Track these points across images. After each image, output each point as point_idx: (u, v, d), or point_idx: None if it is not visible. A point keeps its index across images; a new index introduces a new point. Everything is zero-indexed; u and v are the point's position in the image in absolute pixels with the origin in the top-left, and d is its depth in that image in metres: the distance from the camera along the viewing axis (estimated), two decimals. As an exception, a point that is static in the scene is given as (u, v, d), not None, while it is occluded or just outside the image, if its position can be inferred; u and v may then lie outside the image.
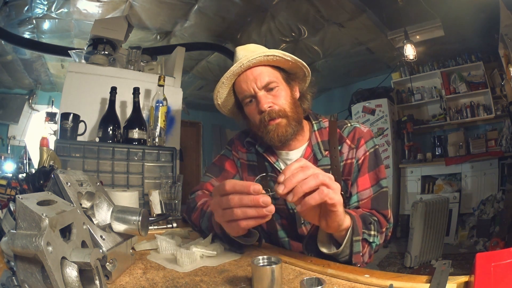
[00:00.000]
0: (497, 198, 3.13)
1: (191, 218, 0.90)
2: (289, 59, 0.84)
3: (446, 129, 3.86)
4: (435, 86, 3.89)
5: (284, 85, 0.87)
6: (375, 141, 0.90)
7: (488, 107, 3.51)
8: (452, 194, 3.39)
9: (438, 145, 3.82)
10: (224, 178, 0.97)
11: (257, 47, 0.90)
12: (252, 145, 0.97)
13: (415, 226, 2.82)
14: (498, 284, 0.39)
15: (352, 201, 0.84)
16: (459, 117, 3.70)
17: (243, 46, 0.90)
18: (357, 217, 0.69)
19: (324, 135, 0.91)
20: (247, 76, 0.85)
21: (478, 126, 3.66)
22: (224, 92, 0.90)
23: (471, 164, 3.45)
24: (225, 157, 1.03)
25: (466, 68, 3.62)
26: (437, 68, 3.78)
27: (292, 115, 0.85)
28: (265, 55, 0.82)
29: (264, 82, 0.83)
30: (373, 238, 0.73)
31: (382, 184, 0.85)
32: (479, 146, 3.48)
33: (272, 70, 0.86)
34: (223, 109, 0.95)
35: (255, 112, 0.86)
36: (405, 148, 3.90)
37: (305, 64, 0.87)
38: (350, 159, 0.87)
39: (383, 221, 0.81)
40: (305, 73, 0.90)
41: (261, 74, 0.84)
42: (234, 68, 0.83)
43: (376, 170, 0.86)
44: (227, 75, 0.85)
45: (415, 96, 4.00)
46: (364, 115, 4.03)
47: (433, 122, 3.90)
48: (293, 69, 0.89)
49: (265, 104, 0.82)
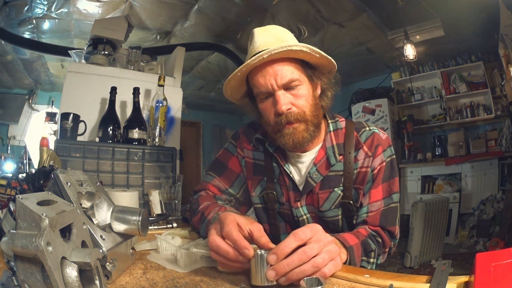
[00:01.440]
0: (497, 198, 3.14)
1: (192, 220, 0.88)
2: (317, 55, 0.74)
3: (446, 129, 3.86)
4: (435, 86, 3.89)
5: (307, 84, 0.77)
6: (392, 150, 0.84)
7: (488, 107, 3.51)
8: (452, 194, 3.39)
9: (438, 145, 3.82)
10: (226, 178, 0.93)
11: (279, 32, 0.79)
12: (261, 142, 0.89)
13: (415, 226, 2.81)
14: (498, 284, 0.39)
15: (362, 212, 0.80)
16: (459, 117, 3.70)
17: (262, 29, 0.79)
18: (357, 245, 0.67)
19: (340, 137, 0.84)
20: (266, 70, 0.73)
21: (478, 126, 3.66)
22: (236, 82, 0.80)
23: (471, 164, 3.45)
24: (229, 153, 0.95)
25: (466, 68, 3.62)
26: (437, 68, 3.79)
27: (311, 119, 0.76)
28: (289, 49, 0.70)
29: (285, 80, 0.73)
30: (371, 265, 0.72)
31: (394, 198, 0.80)
32: (479, 146, 3.48)
33: (296, 66, 0.75)
34: (232, 98, 0.87)
35: (270, 111, 0.76)
36: (405, 148, 3.91)
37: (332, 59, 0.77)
38: (365, 168, 0.81)
39: (387, 240, 0.78)
40: (331, 69, 0.80)
41: (283, 70, 0.73)
42: (252, 61, 0.72)
43: (390, 182, 0.81)
44: (243, 68, 0.74)
45: (415, 96, 4.00)
46: (364, 115, 4.03)
47: (433, 122, 3.90)
48: (319, 65, 0.78)
49: (284, 106, 0.73)
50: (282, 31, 0.80)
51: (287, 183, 0.86)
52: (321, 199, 0.83)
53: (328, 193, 0.82)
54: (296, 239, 0.50)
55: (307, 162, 0.85)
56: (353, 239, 0.68)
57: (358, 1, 2.68)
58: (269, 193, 0.87)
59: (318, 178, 0.82)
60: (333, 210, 0.83)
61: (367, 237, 0.73)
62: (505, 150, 3.20)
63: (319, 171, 0.82)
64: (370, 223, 0.79)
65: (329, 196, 0.82)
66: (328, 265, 0.50)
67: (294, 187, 0.85)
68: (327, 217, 0.84)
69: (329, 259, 0.50)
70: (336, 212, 0.83)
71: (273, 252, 0.48)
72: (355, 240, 0.68)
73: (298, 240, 0.50)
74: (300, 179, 0.85)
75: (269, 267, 0.48)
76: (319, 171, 0.82)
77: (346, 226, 0.85)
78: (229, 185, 0.93)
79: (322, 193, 0.82)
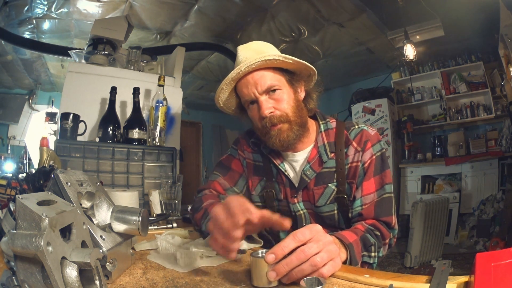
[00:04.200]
0: (497, 198, 3.14)
1: (195, 216, 0.90)
2: (291, 61, 0.81)
3: (446, 129, 3.86)
4: (435, 86, 3.89)
5: (287, 88, 0.84)
6: (382, 145, 0.88)
7: (488, 107, 3.51)
8: (452, 194, 3.39)
9: (438, 145, 3.82)
10: (230, 177, 0.98)
11: (260, 46, 0.87)
12: (257, 145, 0.96)
13: (415, 226, 2.81)
14: (498, 284, 0.39)
15: (356, 205, 0.83)
16: (459, 117, 3.70)
17: (245, 46, 0.87)
18: (357, 241, 0.68)
19: (331, 136, 0.89)
20: (247, 81, 0.82)
21: (478, 126, 3.66)
22: (225, 95, 0.89)
23: (471, 164, 3.45)
24: (232, 156, 1.02)
25: (466, 68, 3.62)
26: (437, 68, 3.79)
27: (294, 120, 0.83)
28: (263, 60, 0.78)
29: (265, 86, 0.81)
30: (373, 259, 0.73)
31: (386, 189, 0.83)
32: (479, 146, 3.48)
33: (274, 73, 0.82)
34: (227, 109, 0.94)
35: (257, 116, 0.84)
36: (405, 148, 3.90)
37: (309, 64, 0.83)
38: (356, 162, 0.85)
39: (386, 232, 0.79)
40: (310, 72, 0.86)
41: (262, 78, 0.81)
42: (233, 74, 0.81)
43: (382, 175, 0.85)
44: (226, 82, 0.83)
45: (415, 96, 4.00)
46: (364, 115, 4.03)
47: (433, 122, 3.90)
48: (297, 70, 0.85)
49: (266, 110, 0.80)
50: (263, 45, 0.88)
51: (284, 180, 0.92)
52: (316, 195, 0.87)
53: (322, 189, 0.87)
54: (295, 240, 0.51)
55: (301, 161, 0.90)
56: (351, 236, 0.69)
57: (358, 1, 2.68)
58: (268, 191, 0.93)
59: (312, 175, 0.87)
60: (328, 205, 0.87)
61: (365, 232, 0.74)
62: (505, 150, 3.20)
63: (313, 168, 0.88)
64: (366, 215, 0.81)
65: (323, 192, 0.87)
66: (327, 266, 0.51)
67: (290, 184, 0.91)
68: (323, 212, 0.88)
69: (328, 258, 0.51)
70: (331, 207, 0.87)
71: (271, 252, 0.49)
72: (354, 236, 0.69)
73: (297, 241, 0.51)
74: (295, 176, 0.91)
75: (269, 267, 0.48)
76: (313, 168, 0.88)
77: (342, 221, 0.88)
78: (233, 183, 0.98)
79: (317, 189, 0.87)
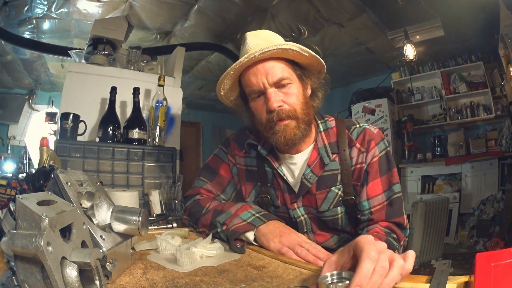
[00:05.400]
0: (497, 198, 3.13)
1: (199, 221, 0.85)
2: (307, 55, 0.76)
3: (446, 129, 3.86)
4: (435, 86, 3.89)
5: (297, 83, 0.79)
6: (386, 143, 0.84)
7: (488, 107, 3.51)
8: (452, 194, 3.39)
9: (438, 145, 3.82)
10: (218, 184, 0.94)
11: (270, 35, 0.82)
12: (254, 147, 0.90)
13: (415, 226, 2.81)
14: (498, 284, 0.39)
15: (364, 208, 0.80)
16: (459, 117, 3.70)
17: (254, 33, 0.82)
18: None
19: (332, 136, 0.85)
20: (257, 69, 0.76)
21: (478, 126, 3.66)
22: (229, 83, 0.82)
23: (471, 164, 3.45)
24: (220, 159, 0.96)
25: (466, 68, 3.62)
26: (437, 68, 3.79)
27: (302, 117, 0.78)
28: (281, 48, 0.73)
29: (276, 77, 0.75)
30: None
31: (395, 190, 0.80)
32: (479, 146, 3.48)
33: (286, 65, 0.78)
34: (226, 100, 0.88)
35: (262, 109, 0.78)
36: (405, 148, 3.90)
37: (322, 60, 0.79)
38: (360, 164, 0.81)
39: (400, 234, 0.77)
40: (320, 69, 0.82)
41: (274, 68, 0.76)
42: (245, 59, 0.74)
43: (389, 174, 0.81)
44: (235, 67, 0.77)
45: (415, 96, 4.00)
46: (364, 115, 4.03)
47: (433, 122, 3.90)
48: (308, 65, 0.81)
49: (275, 103, 0.75)
50: (272, 35, 0.83)
51: (281, 185, 0.87)
52: (319, 200, 0.83)
53: (325, 193, 0.83)
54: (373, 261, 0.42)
55: (300, 164, 0.85)
56: None
57: (358, 1, 2.68)
58: (263, 197, 0.89)
59: (313, 179, 0.83)
60: (332, 209, 0.83)
61: (387, 236, 0.73)
62: (505, 150, 3.20)
63: (314, 171, 0.83)
64: (377, 219, 0.78)
65: (326, 196, 0.83)
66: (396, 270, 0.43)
67: (288, 189, 0.86)
68: (326, 217, 0.84)
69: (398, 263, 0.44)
70: (335, 211, 0.83)
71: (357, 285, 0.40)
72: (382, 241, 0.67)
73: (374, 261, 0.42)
74: (293, 181, 0.86)
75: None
76: (314, 172, 0.83)
77: (346, 224, 0.85)
78: (221, 191, 0.94)
79: (320, 193, 0.83)
